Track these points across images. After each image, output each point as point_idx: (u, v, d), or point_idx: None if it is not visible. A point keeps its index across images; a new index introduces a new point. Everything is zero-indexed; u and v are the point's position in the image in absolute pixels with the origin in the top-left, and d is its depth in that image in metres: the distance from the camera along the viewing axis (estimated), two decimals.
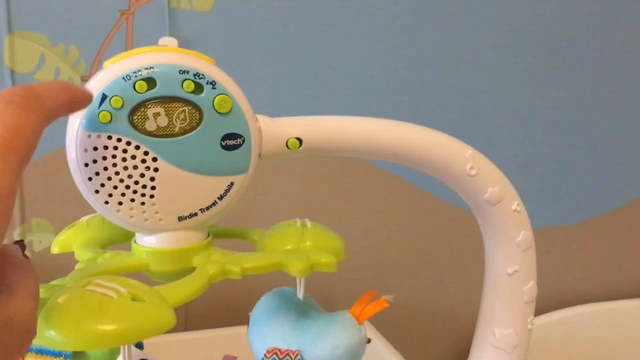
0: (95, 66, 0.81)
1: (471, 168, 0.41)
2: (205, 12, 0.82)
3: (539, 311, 0.93)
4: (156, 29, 0.81)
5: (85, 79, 0.81)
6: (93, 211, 0.43)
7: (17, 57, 0.78)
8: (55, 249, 0.41)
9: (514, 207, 0.43)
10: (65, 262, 0.53)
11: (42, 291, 0.33)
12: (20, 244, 0.79)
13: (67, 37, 0.79)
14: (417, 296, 0.96)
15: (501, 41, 0.91)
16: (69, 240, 0.41)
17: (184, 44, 0.83)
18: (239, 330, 0.83)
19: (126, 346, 0.33)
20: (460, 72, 0.90)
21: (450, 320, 0.98)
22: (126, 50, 0.81)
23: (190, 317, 0.88)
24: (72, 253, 0.41)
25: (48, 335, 0.29)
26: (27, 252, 0.77)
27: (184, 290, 0.34)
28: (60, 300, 0.30)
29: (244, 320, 0.77)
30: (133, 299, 0.31)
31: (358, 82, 0.88)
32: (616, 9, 0.94)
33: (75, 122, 0.34)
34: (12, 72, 0.78)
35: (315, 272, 0.43)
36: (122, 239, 0.41)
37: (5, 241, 0.90)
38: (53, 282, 0.35)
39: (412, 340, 0.96)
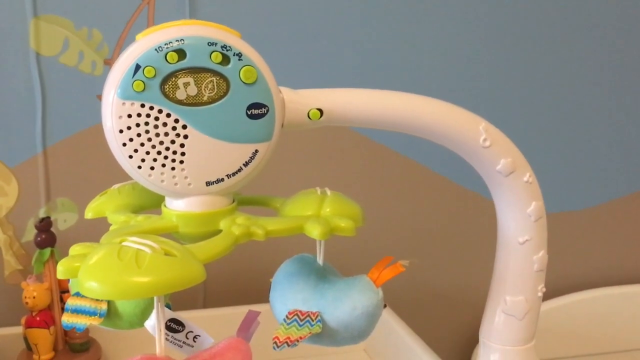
0: (118, 49, 0.83)
1: (485, 140, 0.43)
2: None
3: (549, 295, 0.95)
4: (176, 13, 0.83)
5: (108, 62, 0.83)
6: None
7: (42, 40, 0.80)
8: (89, 214, 0.43)
9: (525, 179, 0.44)
10: (89, 240, 0.55)
11: (81, 248, 0.35)
12: (47, 220, 0.81)
13: (91, 21, 0.81)
14: (431, 277, 0.98)
15: (514, 26, 0.92)
16: (101, 206, 0.43)
17: None
18: (256, 307, 0.86)
19: (157, 300, 0.35)
20: (471, 60, 0.92)
21: (463, 300, 1.00)
22: None
23: (209, 295, 0.90)
24: (97, 232, 0.42)
25: (88, 286, 0.32)
26: (52, 229, 0.78)
27: (213, 248, 0.36)
28: (99, 254, 0.32)
29: (261, 299, 0.79)
30: (166, 254, 0.33)
31: (375, 64, 0.89)
32: None
33: (111, 91, 0.36)
34: (38, 54, 0.81)
35: (332, 248, 0.45)
36: (151, 205, 0.43)
37: (31, 220, 0.93)
38: (89, 243, 0.37)
39: (426, 319, 0.98)
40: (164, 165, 0.37)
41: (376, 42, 0.89)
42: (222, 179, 0.38)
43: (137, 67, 0.36)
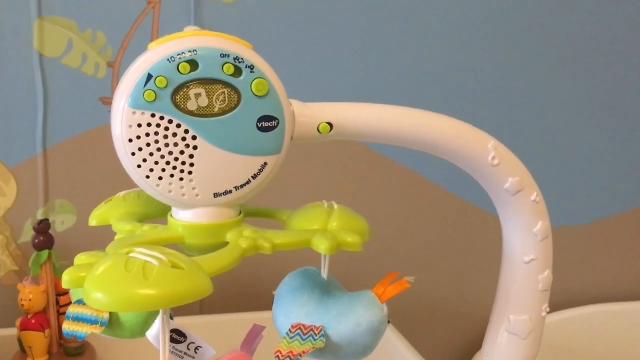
0: (122, 53, 0.82)
1: (493, 158, 0.43)
2: (231, 3, 0.84)
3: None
4: (182, 19, 0.83)
5: (111, 65, 0.83)
6: (112, 194, 0.45)
7: (46, 42, 0.80)
8: (93, 222, 0.43)
9: (533, 198, 0.44)
10: (87, 243, 0.55)
11: (87, 258, 0.35)
12: (45, 222, 0.81)
13: (95, 23, 0.81)
14: (430, 291, 0.98)
15: (521, 41, 0.92)
16: (106, 214, 0.42)
17: None
18: (253, 315, 0.85)
19: (163, 313, 0.35)
20: (470, 72, 0.92)
21: (463, 315, 1.00)
22: (152, 38, 0.83)
23: (206, 302, 0.90)
24: (94, 236, 0.42)
25: (95, 298, 0.31)
26: (50, 232, 0.78)
27: (220, 261, 0.35)
28: (106, 265, 0.32)
29: (258, 307, 0.79)
30: (173, 267, 0.33)
31: (378, 76, 0.89)
32: None
33: (121, 100, 0.36)
34: (41, 55, 0.80)
35: (332, 261, 0.44)
36: (156, 214, 0.43)
37: (29, 221, 0.92)
38: (95, 252, 0.37)
39: (425, 333, 0.98)
40: (172, 176, 0.37)
41: (380, 54, 0.89)
42: (230, 191, 0.38)
43: (149, 76, 0.36)
